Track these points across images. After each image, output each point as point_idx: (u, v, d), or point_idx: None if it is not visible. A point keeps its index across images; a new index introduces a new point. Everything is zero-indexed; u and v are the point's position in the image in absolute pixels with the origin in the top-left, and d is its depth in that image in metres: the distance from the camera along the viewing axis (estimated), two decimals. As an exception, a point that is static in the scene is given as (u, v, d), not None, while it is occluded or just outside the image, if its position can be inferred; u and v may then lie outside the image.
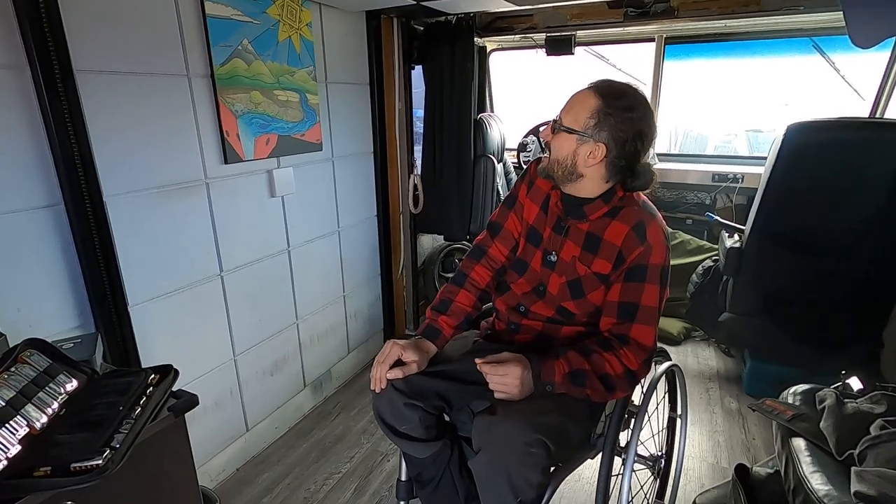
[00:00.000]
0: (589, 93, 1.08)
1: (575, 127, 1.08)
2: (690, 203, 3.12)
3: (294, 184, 1.98)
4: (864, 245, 1.88)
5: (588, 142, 1.07)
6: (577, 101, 1.09)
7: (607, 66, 3.28)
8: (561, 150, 1.11)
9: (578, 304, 1.18)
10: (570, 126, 1.08)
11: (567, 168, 1.11)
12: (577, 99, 1.10)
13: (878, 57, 2.53)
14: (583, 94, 1.09)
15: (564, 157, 1.10)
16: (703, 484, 1.77)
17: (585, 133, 1.07)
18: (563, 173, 1.12)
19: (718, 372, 2.52)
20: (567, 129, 1.09)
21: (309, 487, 1.81)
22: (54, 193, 1.25)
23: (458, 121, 2.57)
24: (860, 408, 1.09)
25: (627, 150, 1.07)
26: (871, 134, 1.91)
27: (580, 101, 1.08)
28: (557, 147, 1.12)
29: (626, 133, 1.05)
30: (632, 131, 1.05)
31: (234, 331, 1.82)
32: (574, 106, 1.09)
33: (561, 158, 1.11)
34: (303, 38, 1.92)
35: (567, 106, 1.11)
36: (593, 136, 1.06)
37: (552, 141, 1.13)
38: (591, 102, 1.06)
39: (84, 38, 1.26)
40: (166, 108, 1.48)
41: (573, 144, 1.08)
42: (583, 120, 1.07)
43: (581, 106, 1.07)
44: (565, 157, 1.10)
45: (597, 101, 1.06)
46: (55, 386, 0.92)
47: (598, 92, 1.07)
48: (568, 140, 1.09)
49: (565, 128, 1.09)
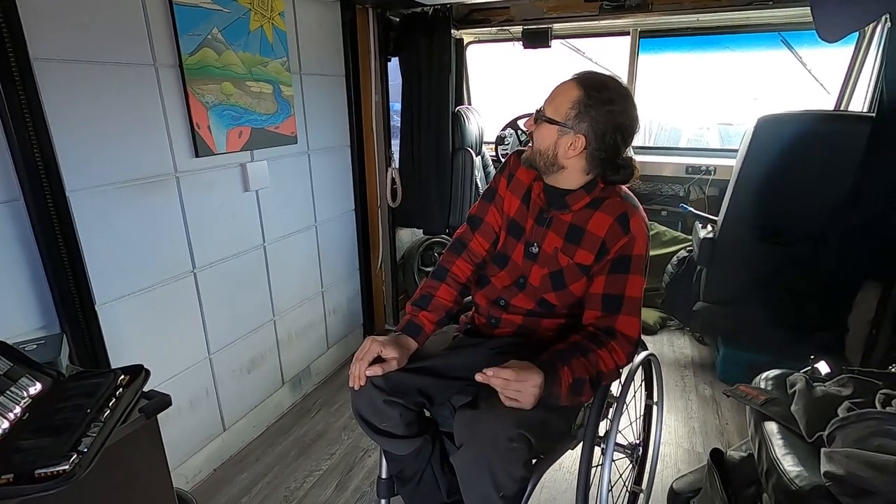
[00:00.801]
0: (572, 84, 1.08)
1: (556, 118, 1.08)
2: (665, 195, 3.18)
3: (269, 178, 1.94)
4: (832, 233, 1.95)
5: (568, 133, 1.07)
6: (559, 92, 1.09)
7: (583, 59, 3.30)
8: (543, 141, 1.11)
9: (559, 295, 1.18)
10: (552, 117, 1.08)
11: (548, 159, 1.11)
12: (560, 90, 1.10)
13: (843, 52, 2.61)
14: (566, 86, 1.09)
15: (546, 147, 1.10)
16: (679, 469, 1.81)
17: (566, 124, 1.07)
18: (545, 164, 1.12)
19: (693, 359, 2.58)
20: (548, 120, 1.09)
21: (289, 486, 1.78)
22: (13, 188, 1.19)
23: (436, 113, 2.55)
24: (828, 391, 1.13)
25: (607, 142, 1.06)
26: (836, 126, 1.97)
27: (563, 93, 1.08)
28: (539, 137, 1.12)
29: (606, 125, 1.05)
30: (611, 124, 1.05)
31: (208, 329, 1.77)
32: (557, 97, 1.09)
33: (542, 149, 1.11)
34: (275, 28, 1.87)
35: (550, 97, 1.11)
36: (574, 128, 1.06)
37: (535, 131, 1.13)
38: (572, 93, 1.06)
39: (42, 23, 1.19)
40: (133, 99, 1.42)
41: (554, 135, 1.08)
42: (564, 111, 1.07)
43: (563, 97, 1.07)
44: (546, 148, 1.10)
45: (578, 92, 1.06)
46: (17, 390, 0.88)
47: (581, 83, 1.07)
48: (549, 131, 1.09)
49: (547, 118, 1.09)
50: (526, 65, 3.66)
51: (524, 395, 0.97)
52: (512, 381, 0.97)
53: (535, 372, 0.99)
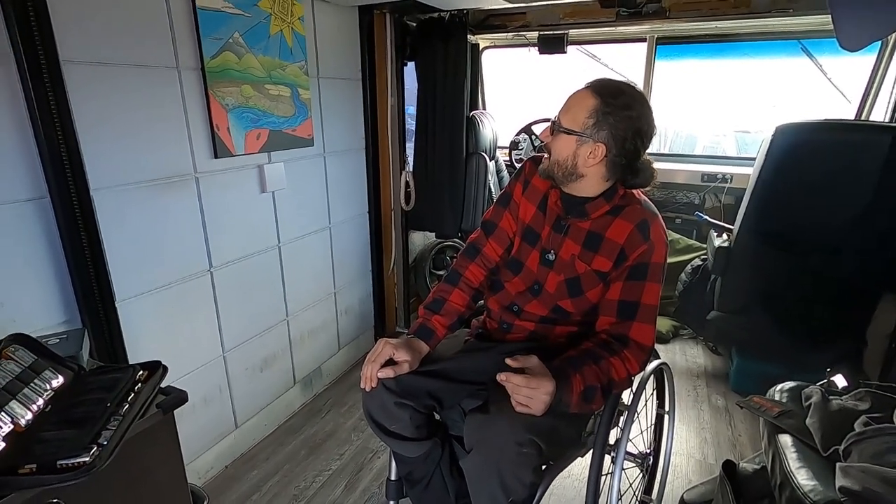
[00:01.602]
0: (586, 92, 1.07)
1: (574, 127, 1.07)
2: (680, 202, 3.15)
3: (285, 179, 1.97)
4: (849, 245, 1.92)
5: (588, 142, 1.06)
6: (575, 101, 1.09)
7: (599, 65, 3.30)
8: (561, 152, 1.10)
9: (575, 302, 1.17)
10: (570, 127, 1.08)
11: (567, 169, 1.10)
12: (574, 99, 1.09)
13: (864, 60, 2.57)
14: (580, 94, 1.08)
15: (565, 158, 1.10)
16: (690, 480, 1.79)
17: (585, 133, 1.06)
18: (564, 174, 1.11)
19: (706, 369, 2.55)
20: (566, 130, 1.08)
21: (298, 485, 1.80)
22: (40, 186, 1.23)
23: (451, 118, 2.57)
24: (845, 405, 1.11)
25: (627, 148, 1.06)
26: (856, 136, 1.94)
27: (578, 102, 1.08)
28: (557, 148, 1.11)
29: (626, 132, 1.05)
30: (631, 129, 1.05)
31: (223, 327, 1.80)
32: (572, 106, 1.08)
33: (561, 160, 1.10)
34: (295, 33, 1.91)
35: (565, 106, 1.11)
36: (592, 137, 1.06)
37: (551, 142, 1.12)
38: (588, 102, 1.06)
39: (71, 27, 1.23)
40: (155, 101, 1.46)
41: (573, 145, 1.08)
42: (581, 120, 1.06)
43: (579, 106, 1.07)
44: (566, 159, 1.10)
45: (595, 100, 1.05)
46: (40, 382, 0.90)
47: (596, 91, 1.06)
48: (567, 141, 1.08)
49: (564, 129, 1.08)
50: (541, 70, 3.67)
51: (535, 402, 0.97)
52: (523, 386, 0.97)
53: (547, 379, 0.98)
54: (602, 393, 1.04)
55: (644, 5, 2.45)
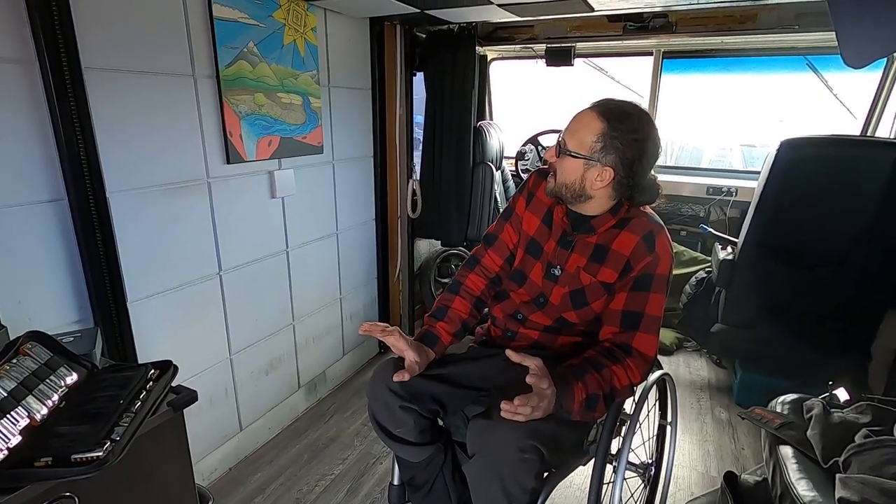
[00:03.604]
0: (592, 115, 1.07)
1: (581, 151, 1.07)
2: (685, 215, 3.17)
3: (294, 185, 2.00)
4: (853, 259, 1.92)
5: (595, 165, 1.07)
6: (581, 123, 1.08)
7: (606, 77, 3.33)
8: (569, 175, 1.10)
9: (579, 313, 1.19)
10: (576, 150, 1.08)
11: (576, 191, 1.11)
12: (581, 122, 1.08)
13: (870, 77, 2.59)
14: (587, 117, 1.08)
15: (573, 181, 1.10)
16: (692, 492, 1.78)
17: (592, 157, 1.06)
18: (573, 195, 1.12)
19: (710, 382, 2.55)
20: (573, 154, 1.08)
21: (301, 488, 1.81)
22: (58, 188, 1.26)
23: (458, 128, 2.60)
24: (846, 417, 1.12)
25: (635, 170, 1.07)
26: (861, 152, 1.95)
27: (585, 124, 1.07)
28: (564, 171, 1.11)
29: (633, 155, 1.05)
30: (638, 152, 1.05)
31: (230, 330, 1.83)
32: (579, 129, 1.08)
33: (569, 182, 1.10)
34: (307, 43, 1.95)
35: (571, 128, 1.10)
36: (600, 160, 1.06)
37: (557, 164, 1.12)
38: (595, 125, 1.05)
39: (93, 35, 1.27)
40: (171, 108, 1.50)
41: (580, 168, 1.08)
42: (588, 143, 1.06)
43: (586, 129, 1.06)
44: (574, 182, 1.10)
45: (601, 123, 1.05)
46: (56, 378, 0.93)
47: (602, 114, 1.06)
48: (574, 164, 1.08)
49: (571, 152, 1.08)
50: (548, 82, 3.71)
51: (545, 404, 0.97)
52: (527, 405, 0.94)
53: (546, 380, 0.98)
54: (604, 401, 1.05)
55: (651, 20, 2.49)
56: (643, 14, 2.46)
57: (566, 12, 2.18)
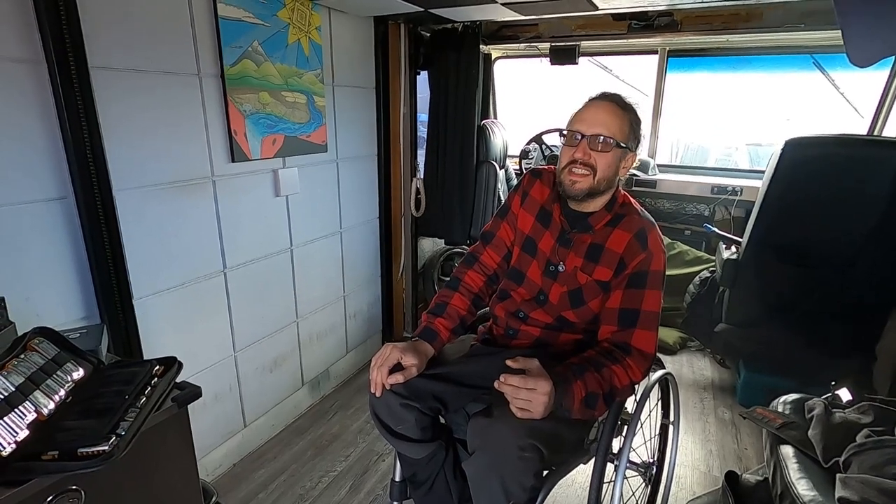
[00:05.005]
0: (614, 106, 1.12)
1: (624, 141, 1.12)
2: (689, 214, 3.15)
3: (298, 184, 2.01)
4: (858, 259, 1.91)
5: (628, 153, 1.14)
6: (610, 115, 1.12)
7: (610, 76, 3.32)
8: (610, 167, 1.13)
9: (578, 312, 1.20)
10: (623, 141, 1.12)
11: (609, 182, 1.14)
12: (608, 113, 1.12)
13: (878, 76, 2.57)
14: (609, 107, 1.12)
15: (612, 173, 1.14)
16: (694, 492, 1.78)
17: (629, 146, 1.13)
18: (605, 187, 1.15)
19: (713, 382, 2.54)
20: (622, 145, 1.12)
21: (304, 485, 1.82)
22: (65, 186, 1.28)
23: (462, 126, 2.61)
24: (847, 417, 1.12)
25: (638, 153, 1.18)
26: (867, 151, 1.94)
27: (617, 116, 1.12)
28: (607, 163, 1.12)
29: (640, 138, 1.17)
30: (641, 135, 1.16)
31: (235, 327, 1.84)
32: (611, 121, 1.11)
33: (609, 174, 1.13)
34: (311, 42, 1.96)
35: (601, 121, 1.11)
36: (630, 147, 1.14)
37: (598, 158, 1.11)
38: (622, 114, 1.12)
39: (100, 34, 1.29)
40: (177, 106, 1.51)
41: (618, 158, 1.13)
42: (626, 132, 1.12)
43: (619, 120, 1.12)
44: (613, 173, 1.14)
45: (625, 113, 1.13)
46: (62, 374, 0.94)
47: (620, 105, 1.13)
48: (615, 155, 1.12)
49: (620, 143, 1.11)
50: (552, 81, 3.71)
51: (534, 404, 0.97)
52: (521, 387, 0.97)
53: (544, 379, 0.98)
54: (604, 400, 1.06)
55: (656, 18, 2.48)
56: (648, 12, 2.46)
57: (570, 11, 2.18)
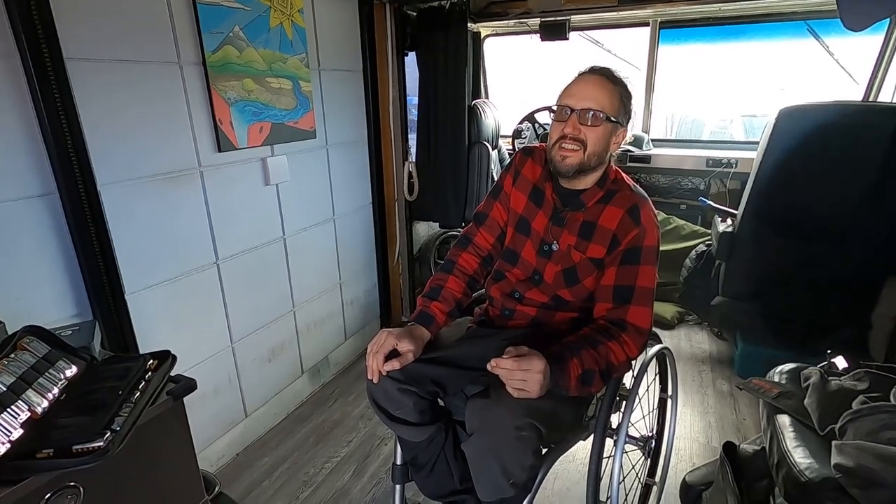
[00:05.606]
0: (604, 80, 1.10)
1: (614, 115, 1.10)
2: (685, 188, 3.14)
3: (288, 171, 1.98)
4: (853, 228, 1.91)
5: (619, 128, 1.12)
6: (599, 89, 1.09)
7: (602, 51, 3.27)
8: (600, 142, 1.10)
9: (573, 291, 1.19)
10: (612, 115, 1.10)
11: (600, 157, 1.12)
12: (598, 87, 1.09)
13: (872, 41, 2.54)
14: (599, 82, 1.10)
15: (603, 147, 1.11)
16: (694, 463, 1.81)
17: (620, 121, 1.11)
18: (596, 163, 1.13)
19: (711, 355, 2.56)
20: (612, 119, 1.10)
21: (308, 471, 1.84)
22: (48, 182, 1.26)
23: (453, 108, 2.57)
24: (843, 385, 1.12)
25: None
26: (862, 118, 1.92)
27: (607, 90, 1.09)
28: (598, 138, 1.10)
29: (631, 112, 1.14)
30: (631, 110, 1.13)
31: (231, 318, 1.84)
32: (601, 95, 1.09)
33: (600, 150, 1.11)
34: (294, 25, 1.91)
35: (590, 95, 1.09)
36: (620, 121, 1.12)
37: (588, 133, 1.09)
38: (612, 88, 1.09)
39: (74, 25, 1.25)
40: (158, 96, 1.48)
41: (609, 133, 1.11)
42: (616, 107, 1.10)
43: (609, 94, 1.09)
44: (604, 148, 1.12)
45: (616, 87, 1.10)
46: (55, 371, 0.94)
47: (610, 79, 1.10)
48: (606, 130, 1.10)
49: (610, 117, 1.09)
50: (543, 57, 3.65)
51: (529, 384, 0.97)
52: (515, 370, 0.96)
53: (536, 358, 0.98)
54: (601, 377, 1.06)
55: (646, -12, 2.43)
56: (638, -17, 2.41)
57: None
